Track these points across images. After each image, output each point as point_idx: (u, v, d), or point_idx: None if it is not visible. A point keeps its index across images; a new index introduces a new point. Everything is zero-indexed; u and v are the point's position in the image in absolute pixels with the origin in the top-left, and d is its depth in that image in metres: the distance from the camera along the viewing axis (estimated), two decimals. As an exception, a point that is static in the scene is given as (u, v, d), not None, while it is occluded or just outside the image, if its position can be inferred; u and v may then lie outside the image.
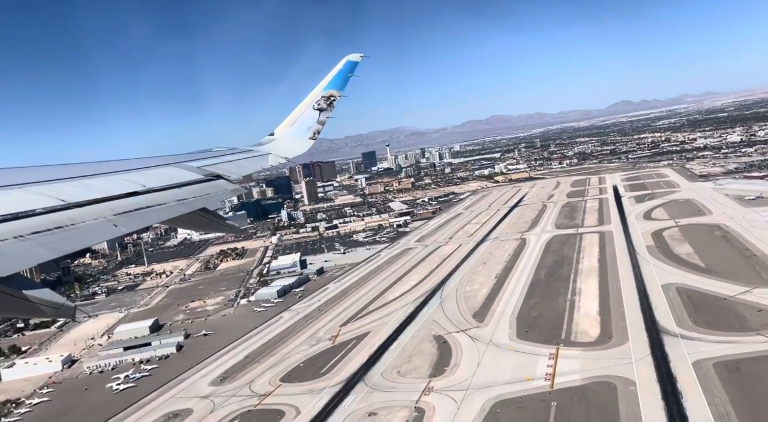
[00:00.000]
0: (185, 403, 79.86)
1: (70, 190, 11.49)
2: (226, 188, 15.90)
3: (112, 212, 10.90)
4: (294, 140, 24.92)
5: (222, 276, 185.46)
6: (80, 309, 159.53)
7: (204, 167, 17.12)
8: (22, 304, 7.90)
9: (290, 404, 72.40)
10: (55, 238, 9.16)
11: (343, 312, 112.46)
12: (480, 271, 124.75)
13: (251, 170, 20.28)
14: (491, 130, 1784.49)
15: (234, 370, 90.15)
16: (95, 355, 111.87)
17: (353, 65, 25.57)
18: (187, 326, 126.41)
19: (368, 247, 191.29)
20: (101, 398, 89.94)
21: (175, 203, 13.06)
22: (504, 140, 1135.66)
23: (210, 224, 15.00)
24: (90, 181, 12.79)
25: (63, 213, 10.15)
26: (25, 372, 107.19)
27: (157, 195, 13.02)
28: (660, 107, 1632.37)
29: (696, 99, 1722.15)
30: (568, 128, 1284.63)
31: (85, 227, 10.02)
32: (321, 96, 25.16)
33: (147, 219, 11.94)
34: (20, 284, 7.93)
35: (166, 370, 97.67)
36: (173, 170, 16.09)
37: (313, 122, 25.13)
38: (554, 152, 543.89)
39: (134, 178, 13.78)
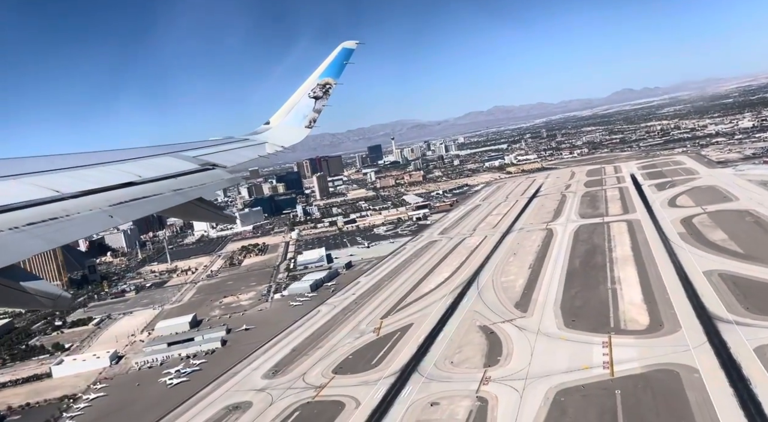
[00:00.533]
0: (242, 396, 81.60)
1: (65, 181, 11.42)
2: (222, 178, 15.90)
3: (108, 203, 10.86)
4: (290, 129, 24.71)
5: (248, 272, 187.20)
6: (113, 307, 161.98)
7: (200, 157, 17.02)
8: (20, 295, 7.85)
9: (348, 395, 73.94)
10: (51, 229, 9.09)
11: (381, 305, 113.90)
12: (512, 262, 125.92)
13: (247, 158, 20.08)
14: (493, 121, 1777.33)
15: (284, 363, 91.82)
16: (140, 351, 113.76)
17: (349, 52, 25.26)
18: (226, 321, 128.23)
19: (391, 240, 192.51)
20: (157, 392, 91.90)
21: (170, 193, 13.01)
22: (507, 131, 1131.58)
23: (206, 214, 14.97)
24: (85, 171, 12.75)
25: (58, 204, 10.08)
26: (75, 368, 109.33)
27: (152, 185, 12.98)
28: (662, 94, 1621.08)
29: (698, 85, 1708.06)
30: (571, 117, 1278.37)
31: (80, 218, 9.94)
32: (317, 84, 24.91)
33: (143, 210, 11.90)
34: (17, 275, 7.88)
35: (214, 364, 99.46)
36: (169, 160, 15.99)
37: (309, 110, 24.91)
38: (562, 142, 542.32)
39: (130, 168, 13.72)
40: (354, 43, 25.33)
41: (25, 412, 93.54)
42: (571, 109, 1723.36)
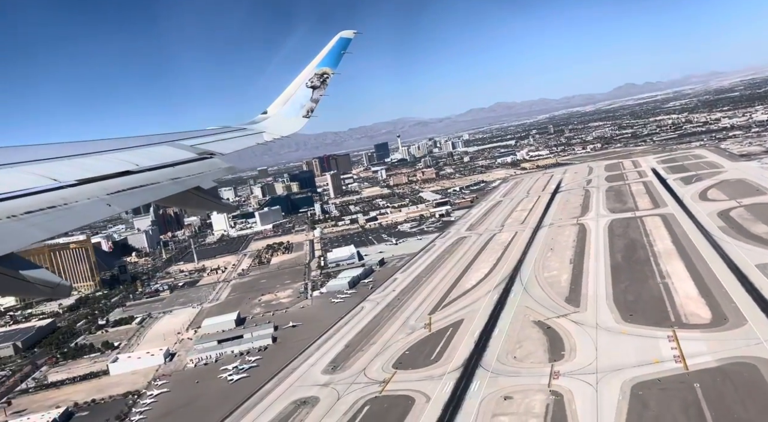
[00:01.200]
0: (307, 391, 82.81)
1: (62, 169, 11.35)
2: (219, 167, 15.78)
3: (106, 192, 10.83)
4: (288, 119, 24.57)
5: (279, 270, 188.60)
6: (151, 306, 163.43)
7: (197, 146, 16.86)
8: (19, 284, 7.86)
9: (415, 390, 75.05)
10: (48, 218, 9.06)
11: (425, 301, 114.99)
12: (550, 257, 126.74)
13: (245, 147, 20.02)
14: (496, 117, 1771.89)
15: (341, 359, 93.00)
16: (191, 349, 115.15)
17: (346, 42, 25.04)
18: (269, 318, 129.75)
19: (419, 237, 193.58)
20: (218, 387, 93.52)
21: (168, 182, 12.93)
22: (511, 127, 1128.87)
23: (204, 203, 14.88)
24: (83, 160, 12.66)
25: (56, 193, 10.03)
26: (130, 365, 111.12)
27: (150, 174, 12.89)
28: (665, 88, 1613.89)
29: (701, 79, 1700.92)
30: (575, 113, 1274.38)
31: (78, 206, 9.90)
32: (314, 73, 24.72)
33: (141, 198, 11.90)
34: (16, 264, 7.88)
35: (269, 361, 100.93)
36: (166, 149, 15.85)
37: (307, 99, 24.74)
38: (572, 138, 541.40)
39: (127, 157, 13.59)
40: (352, 33, 25.25)
41: (91, 408, 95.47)
42: (574, 104, 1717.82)
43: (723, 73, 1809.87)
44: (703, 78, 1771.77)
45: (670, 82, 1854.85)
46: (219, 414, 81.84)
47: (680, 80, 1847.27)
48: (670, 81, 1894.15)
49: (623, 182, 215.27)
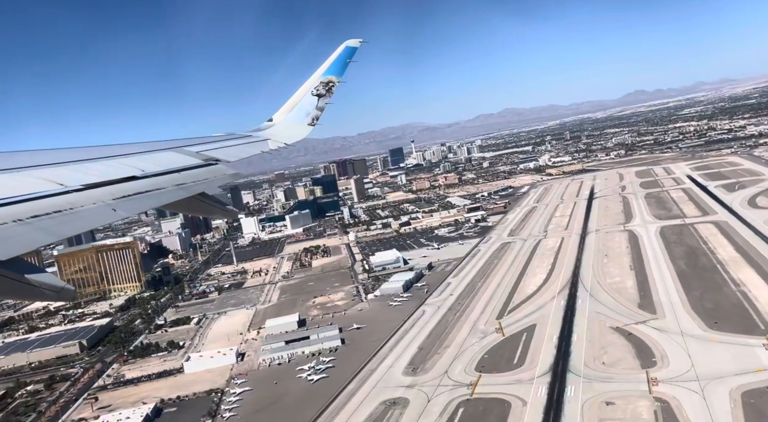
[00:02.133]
0: (393, 392, 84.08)
1: (69, 174, 11.37)
2: (224, 173, 15.76)
3: (111, 197, 10.85)
4: (293, 126, 24.42)
5: (323, 273, 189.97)
6: (202, 307, 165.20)
7: (203, 152, 16.87)
8: (24, 287, 7.88)
9: (507, 393, 76.12)
10: (54, 222, 9.09)
11: (489, 306, 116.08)
12: (607, 263, 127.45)
13: (250, 154, 20.00)
14: (505, 123, 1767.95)
15: (418, 361, 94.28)
16: (261, 349, 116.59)
17: (352, 51, 24.89)
18: (329, 320, 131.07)
19: (460, 242, 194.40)
20: (300, 387, 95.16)
21: (173, 188, 12.92)
22: (522, 133, 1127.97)
23: (209, 208, 14.89)
24: (89, 165, 12.62)
25: (62, 197, 10.07)
26: (204, 364, 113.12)
27: (155, 180, 12.88)
28: (676, 95, 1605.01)
29: (713, 87, 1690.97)
30: (586, 119, 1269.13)
31: (83, 211, 9.92)
32: (320, 82, 24.60)
33: (146, 204, 11.92)
34: (21, 267, 7.87)
35: (344, 361, 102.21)
36: (172, 155, 15.87)
37: (312, 107, 24.64)
38: (591, 144, 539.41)
39: (133, 162, 13.60)
40: (357, 42, 25.10)
41: (176, 404, 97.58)
42: (583, 111, 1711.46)
43: (735, 80, 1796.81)
44: (714, 85, 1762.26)
45: (681, 89, 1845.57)
46: (308, 413, 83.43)
47: (691, 87, 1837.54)
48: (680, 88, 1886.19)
49: (660, 189, 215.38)
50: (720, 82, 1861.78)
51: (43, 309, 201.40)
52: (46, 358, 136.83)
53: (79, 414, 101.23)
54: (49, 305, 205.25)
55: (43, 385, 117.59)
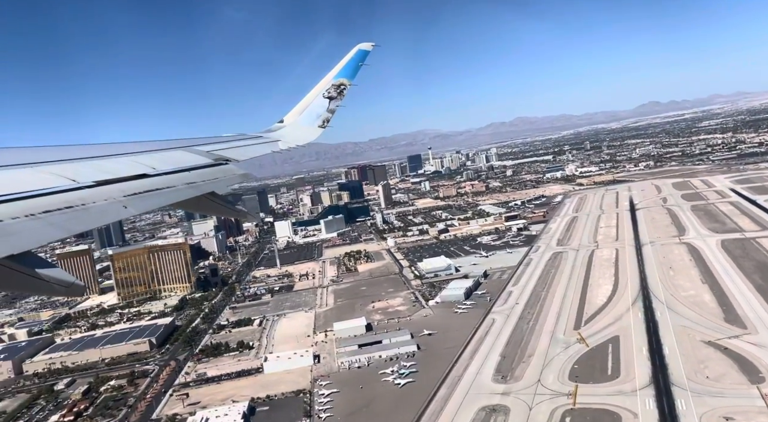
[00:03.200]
0: (489, 399, 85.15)
1: (81, 170, 11.39)
2: (234, 173, 15.78)
3: (122, 194, 10.86)
4: (303, 128, 24.35)
5: (372, 278, 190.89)
6: (258, 309, 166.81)
7: (213, 152, 16.89)
8: (35, 282, 7.94)
9: (613, 404, 76.68)
10: (66, 218, 9.10)
11: (561, 316, 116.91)
12: (675, 276, 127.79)
13: (260, 154, 19.93)
14: (517, 132, 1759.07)
15: (504, 369, 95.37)
16: (338, 352, 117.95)
17: (364, 54, 24.89)
18: (395, 325, 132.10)
19: (508, 250, 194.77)
20: (388, 390, 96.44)
21: (184, 187, 12.95)
22: (537, 142, 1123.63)
23: (218, 208, 14.87)
24: (101, 162, 12.70)
25: (74, 193, 10.09)
26: (282, 365, 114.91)
27: (166, 178, 12.92)
28: (690, 107, 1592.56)
29: (728, 99, 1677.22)
30: (600, 129, 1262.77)
31: (95, 207, 9.94)
32: (331, 84, 24.58)
33: (156, 202, 11.91)
34: (32, 262, 7.93)
35: (425, 366, 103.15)
36: (183, 154, 15.90)
37: (323, 110, 24.56)
38: (615, 155, 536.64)
39: (144, 160, 13.62)
40: (370, 45, 25.14)
41: (267, 403, 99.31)
42: (596, 121, 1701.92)
43: (750, 93, 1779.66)
44: (729, 97, 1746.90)
45: (696, 101, 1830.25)
46: (404, 416, 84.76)
47: (706, 99, 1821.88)
48: (695, 100, 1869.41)
49: (705, 202, 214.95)
50: (735, 94, 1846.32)
51: (97, 307, 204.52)
52: (117, 355, 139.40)
53: (171, 409, 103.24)
54: (102, 303, 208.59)
55: (125, 380, 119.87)
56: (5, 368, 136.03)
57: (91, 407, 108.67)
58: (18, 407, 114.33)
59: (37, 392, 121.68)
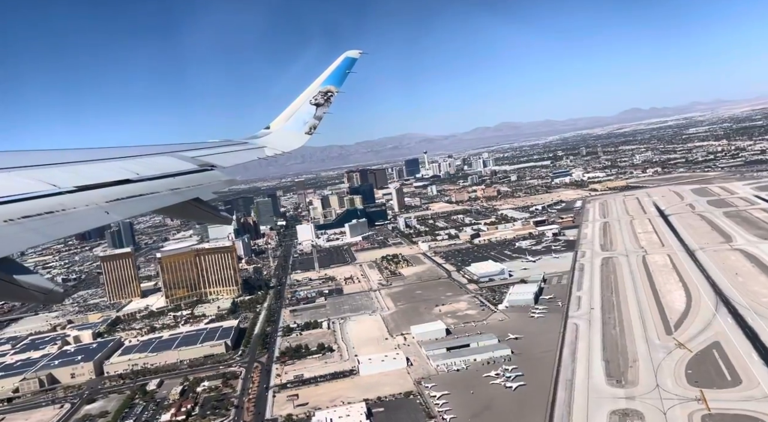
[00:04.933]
0: (614, 404, 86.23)
1: (62, 175, 11.14)
2: (220, 179, 15.58)
3: (104, 199, 10.64)
4: (290, 134, 24.12)
5: (423, 282, 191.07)
6: (317, 312, 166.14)
7: (198, 158, 16.67)
8: (13, 288, 7.73)
9: (752, 410, 77.67)
10: (46, 223, 8.88)
11: (645, 321, 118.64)
12: (746, 283, 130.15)
13: (246, 160, 19.67)
14: (502, 137, 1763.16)
15: (614, 373, 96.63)
16: (426, 355, 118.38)
17: (352, 61, 24.76)
18: (472, 329, 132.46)
19: (554, 255, 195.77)
20: (501, 393, 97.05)
21: (168, 193, 12.73)
22: (525, 147, 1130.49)
23: (203, 214, 14.67)
24: (82, 167, 12.40)
25: (54, 198, 9.85)
26: (376, 368, 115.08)
27: (150, 183, 12.67)
28: (671, 114, 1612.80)
29: (708, 107, 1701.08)
30: (586, 135, 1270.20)
31: (76, 213, 9.70)
32: (318, 91, 24.40)
33: (139, 207, 11.67)
34: (11, 268, 7.78)
35: (526, 370, 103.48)
36: (167, 160, 15.66)
37: (310, 116, 24.39)
38: (615, 160, 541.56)
39: (128, 165, 13.34)
40: (357, 53, 25.02)
41: (379, 404, 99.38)
42: (580, 127, 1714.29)
43: (729, 101, 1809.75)
44: (709, 105, 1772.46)
45: (676, 108, 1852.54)
46: (531, 419, 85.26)
47: (686, 107, 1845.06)
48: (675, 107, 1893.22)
49: (735, 209, 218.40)
50: (714, 102, 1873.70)
51: (144, 310, 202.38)
52: (194, 356, 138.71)
53: (281, 410, 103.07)
54: (148, 306, 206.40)
55: (219, 381, 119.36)
56: (86, 369, 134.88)
57: (197, 407, 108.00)
58: (120, 407, 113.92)
59: (131, 392, 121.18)
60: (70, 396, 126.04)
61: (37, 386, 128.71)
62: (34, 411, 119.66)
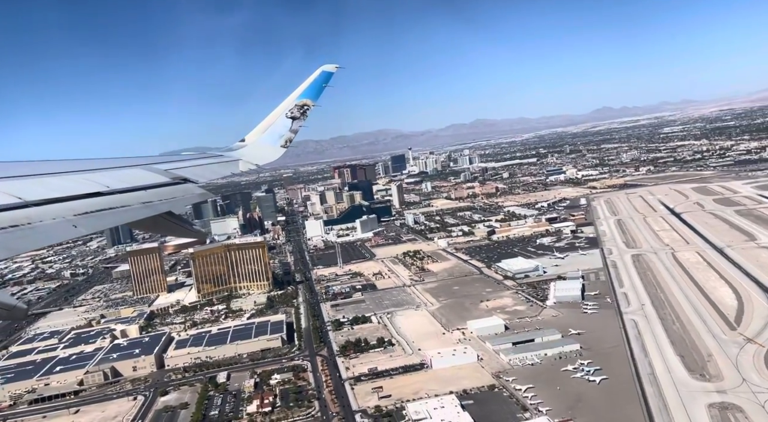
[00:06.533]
0: (706, 397, 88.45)
1: (28, 188, 10.80)
2: (193, 193, 15.30)
3: (73, 213, 10.30)
4: (265, 147, 23.85)
5: (455, 278, 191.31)
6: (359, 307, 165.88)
7: (171, 171, 16.31)
8: None
9: None
10: (10, 237, 8.55)
11: (703, 316, 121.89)
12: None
13: (220, 175, 19.36)
14: (478, 134, 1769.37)
15: (693, 367, 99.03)
16: (493, 349, 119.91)
17: (328, 76, 24.78)
18: (527, 324, 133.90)
19: (582, 252, 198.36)
20: (587, 387, 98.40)
21: (139, 206, 12.40)
22: (503, 144, 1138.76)
23: (175, 228, 14.37)
24: (50, 179, 12.02)
25: (20, 211, 9.52)
26: (449, 362, 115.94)
27: (121, 197, 12.33)
28: (642, 113, 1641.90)
29: (676, 107, 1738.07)
30: (561, 133, 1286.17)
31: (42, 226, 9.36)
32: (294, 105, 24.27)
33: (109, 220, 11.34)
34: None
35: (601, 364, 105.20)
36: (139, 172, 15.27)
37: (286, 130, 24.19)
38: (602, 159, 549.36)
39: (98, 178, 13.00)
40: (334, 67, 25.01)
41: (466, 397, 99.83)
42: (554, 125, 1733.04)
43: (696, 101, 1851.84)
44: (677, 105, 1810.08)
45: (646, 107, 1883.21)
46: (627, 411, 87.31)
47: (655, 106, 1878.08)
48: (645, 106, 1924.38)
49: (744, 207, 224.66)
50: (682, 102, 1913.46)
51: (177, 304, 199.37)
52: (251, 350, 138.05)
53: (366, 401, 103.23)
54: (180, 300, 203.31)
55: (291, 374, 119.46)
56: (148, 362, 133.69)
57: (277, 399, 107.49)
58: (199, 398, 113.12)
59: (203, 385, 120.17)
60: (138, 388, 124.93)
61: (101, 378, 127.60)
62: (108, 403, 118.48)
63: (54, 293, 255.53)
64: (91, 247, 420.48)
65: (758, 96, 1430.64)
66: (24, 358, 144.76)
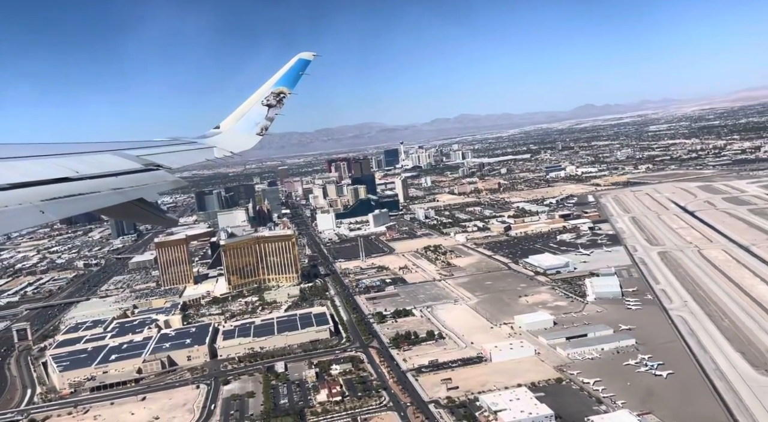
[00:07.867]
0: None
1: None
2: (166, 179, 14.91)
3: (40, 198, 9.86)
4: (241, 135, 23.39)
5: (485, 273, 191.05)
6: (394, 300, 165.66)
7: (144, 157, 15.88)
8: None
9: None
10: None
11: (751, 313, 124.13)
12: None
13: (193, 161, 18.93)
14: (461, 129, 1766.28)
15: (757, 363, 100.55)
16: (548, 344, 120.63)
17: (305, 63, 24.21)
18: (574, 319, 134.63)
19: (607, 249, 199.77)
20: (654, 381, 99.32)
21: (109, 192, 12.01)
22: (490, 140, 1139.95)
23: (146, 215, 14.04)
24: (18, 163, 11.57)
25: None
26: (508, 355, 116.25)
27: (90, 182, 11.89)
28: (624, 111, 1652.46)
29: (658, 105, 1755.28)
30: (546, 129, 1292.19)
31: (7, 212, 8.93)
32: (270, 92, 23.78)
33: (77, 207, 10.89)
34: None
35: (661, 359, 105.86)
36: (110, 158, 14.78)
37: (261, 117, 23.74)
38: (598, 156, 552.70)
39: (67, 163, 12.39)
40: (311, 55, 24.50)
41: (536, 389, 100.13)
42: (538, 121, 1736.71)
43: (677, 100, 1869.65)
44: (658, 104, 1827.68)
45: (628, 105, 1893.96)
46: (701, 405, 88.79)
47: (637, 104, 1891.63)
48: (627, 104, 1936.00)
49: (756, 206, 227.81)
50: (664, 101, 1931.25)
51: (207, 295, 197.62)
52: (300, 341, 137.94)
53: (435, 392, 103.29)
54: (210, 292, 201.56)
55: (350, 365, 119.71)
56: (201, 352, 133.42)
57: (344, 388, 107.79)
58: (264, 388, 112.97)
59: (263, 375, 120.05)
60: (197, 377, 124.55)
61: (159, 367, 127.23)
62: (172, 391, 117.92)
63: (72, 284, 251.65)
64: (93, 237, 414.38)
65: (736, 96, 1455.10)
66: (74, 347, 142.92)
